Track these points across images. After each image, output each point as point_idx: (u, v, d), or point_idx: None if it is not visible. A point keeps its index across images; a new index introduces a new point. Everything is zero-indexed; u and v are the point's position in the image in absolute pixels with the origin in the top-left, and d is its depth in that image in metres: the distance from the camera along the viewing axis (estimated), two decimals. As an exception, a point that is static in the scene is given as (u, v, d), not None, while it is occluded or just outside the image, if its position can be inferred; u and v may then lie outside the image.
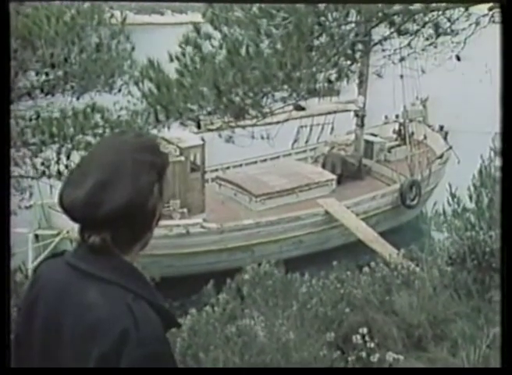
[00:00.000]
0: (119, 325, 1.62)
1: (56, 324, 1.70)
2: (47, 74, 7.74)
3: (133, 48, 8.13)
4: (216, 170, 17.06)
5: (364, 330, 5.28)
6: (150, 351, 1.63)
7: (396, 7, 5.96)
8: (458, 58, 6.27)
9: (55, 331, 1.70)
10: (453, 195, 7.13)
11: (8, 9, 1.99)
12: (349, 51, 6.15)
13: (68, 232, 13.17)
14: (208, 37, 6.36)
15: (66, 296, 1.70)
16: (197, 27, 6.37)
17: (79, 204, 1.65)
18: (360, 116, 17.75)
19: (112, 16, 8.15)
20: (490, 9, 5.48)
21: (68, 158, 8.09)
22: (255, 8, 6.04)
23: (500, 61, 2.03)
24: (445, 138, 18.63)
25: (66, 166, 8.16)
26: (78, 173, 1.72)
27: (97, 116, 7.98)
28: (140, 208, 1.71)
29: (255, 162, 17.85)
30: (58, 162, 8.09)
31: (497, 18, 5.29)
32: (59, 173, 8.14)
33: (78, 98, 8.00)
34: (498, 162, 6.67)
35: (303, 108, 7.65)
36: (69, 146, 7.95)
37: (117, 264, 1.73)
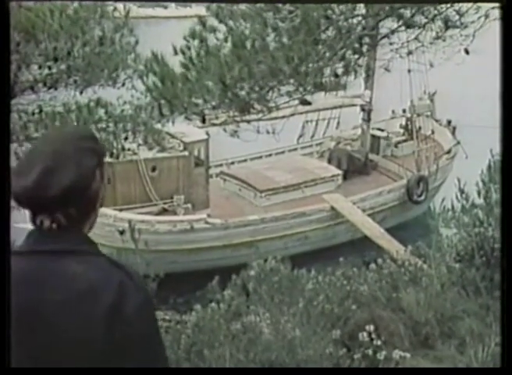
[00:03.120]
0: (113, 279, 1.82)
1: (34, 309, 1.79)
2: (50, 68, 7.74)
3: (136, 42, 8.13)
4: (221, 165, 17.08)
5: (371, 328, 5.28)
6: (147, 296, 1.86)
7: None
8: (467, 52, 6.25)
9: (34, 316, 1.78)
10: (461, 191, 7.11)
11: (8, 7, 1.99)
12: (356, 45, 6.12)
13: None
14: (213, 30, 6.35)
15: (45, 279, 1.81)
16: (202, 20, 6.36)
17: (29, 190, 1.81)
18: (367, 111, 17.73)
19: (115, 9, 8.15)
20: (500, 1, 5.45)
21: (71, 152, 8.10)
22: (261, 1, 6.04)
23: (500, 61, 2.02)
24: (453, 133, 18.61)
25: (69, 161, 8.16)
26: (25, 164, 1.88)
27: (101, 111, 7.99)
28: (84, 190, 1.89)
29: (260, 157, 17.87)
30: (61, 157, 8.09)
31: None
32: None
33: (81, 92, 8.00)
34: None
35: (309, 103, 7.64)
36: (73, 141, 7.96)
37: (78, 238, 1.91)
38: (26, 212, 1.94)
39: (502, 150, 2.35)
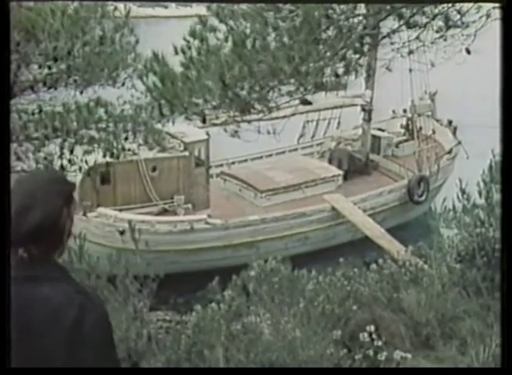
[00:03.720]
0: (75, 302, 2.23)
1: (26, 326, 2.22)
2: (50, 68, 7.74)
3: (137, 41, 8.13)
4: (221, 165, 17.08)
5: (372, 328, 5.27)
6: (102, 314, 2.27)
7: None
8: (468, 52, 6.24)
9: (26, 331, 2.22)
10: (462, 191, 7.10)
11: (8, 7, 2.01)
12: (357, 45, 6.12)
13: (71, 228, 13.17)
14: (214, 29, 6.35)
15: (20, 301, 2.22)
16: (202, 20, 6.36)
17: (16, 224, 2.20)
18: (368, 111, 17.72)
19: (116, 8, 8.14)
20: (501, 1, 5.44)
21: (71, 152, 8.10)
22: (261, 0, 6.03)
23: (500, 61, 2.02)
24: (454, 133, 18.60)
25: (69, 161, 8.17)
26: None
27: (101, 111, 7.98)
28: (52, 226, 2.28)
29: (261, 158, 17.86)
30: (61, 157, 8.09)
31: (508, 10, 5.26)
32: (62, 167, 8.15)
33: (81, 92, 8.00)
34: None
35: (309, 103, 7.64)
36: (72, 140, 7.95)
37: (48, 266, 2.31)
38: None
39: (502, 150, 2.35)
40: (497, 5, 5.50)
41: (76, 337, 2.20)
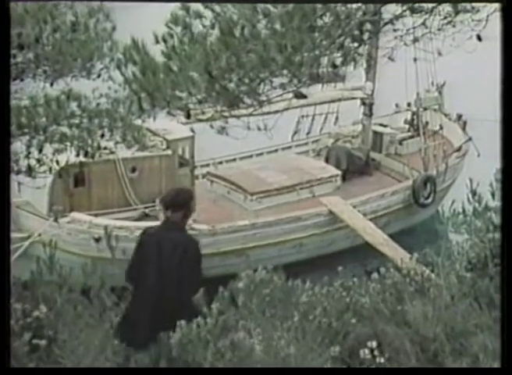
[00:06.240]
0: (194, 242, 6.19)
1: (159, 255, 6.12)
2: (14, 56, 7.72)
3: (113, 28, 8.12)
4: (207, 165, 17.11)
5: (373, 344, 5.30)
6: (200, 254, 6.19)
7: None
8: (479, 38, 6.28)
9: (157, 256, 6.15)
10: (473, 192, 7.14)
11: (8, 7, 2.02)
12: (356, 32, 6.16)
13: (40, 235, 13.15)
14: (199, 16, 6.37)
15: (166, 241, 6.06)
16: (185, 5, 6.37)
17: (167, 200, 6.28)
18: (368, 105, 17.78)
19: (89, -9, 8.13)
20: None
21: (40, 151, 8.08)
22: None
23: (501, 60, 2.04)
24: (463, 128, 18.69)
25: (38, 161, 8.15)
26: (169, 192, 6.86)
27: (73, 105, 7.97)
28: (187, 203, 6.19)
29: (251, 156, 17.91)
30: (28, 157, 8.08)
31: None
32: (30, 168, 8.13)
33: (51, 84, 7.99)
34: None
35: (304, 96, 7.65)
36: (41, 138, 7.93)
37: (181, 225, 6.17)
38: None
39: (502, 147, 2.36)
40: (497, 5, 5.55)
41: (182, 263, 5.84)
